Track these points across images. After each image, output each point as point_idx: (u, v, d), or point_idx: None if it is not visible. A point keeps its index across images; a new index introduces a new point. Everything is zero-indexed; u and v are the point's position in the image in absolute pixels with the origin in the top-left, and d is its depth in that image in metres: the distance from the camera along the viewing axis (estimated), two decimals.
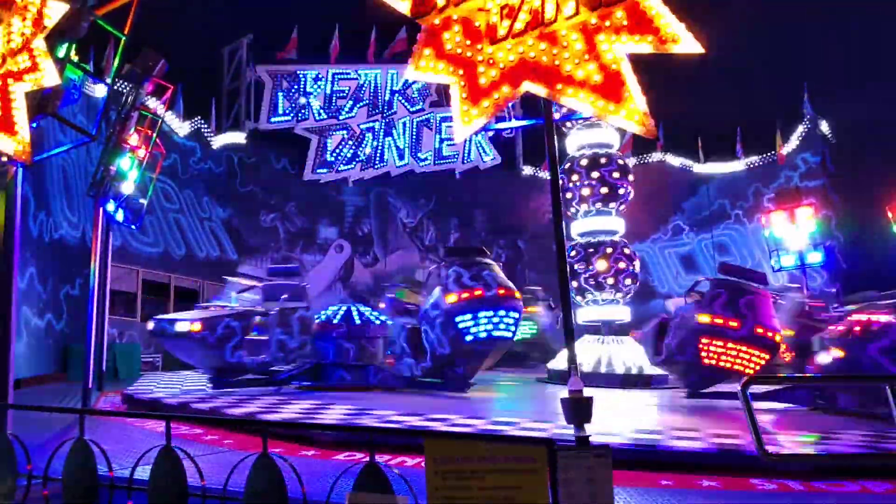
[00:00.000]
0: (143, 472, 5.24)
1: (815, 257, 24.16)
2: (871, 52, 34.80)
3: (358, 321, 15.19)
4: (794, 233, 24.15)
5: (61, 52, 7.88)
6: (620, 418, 10.49)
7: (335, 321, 15.18)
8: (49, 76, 7.35)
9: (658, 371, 16.96)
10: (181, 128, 28.01)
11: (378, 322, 15.53)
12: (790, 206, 24.18)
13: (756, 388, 11.91)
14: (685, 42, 5.50)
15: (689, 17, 5.62)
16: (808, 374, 11.09)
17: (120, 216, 15.72)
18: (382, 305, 18.31)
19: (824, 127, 31.70)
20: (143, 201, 17.17)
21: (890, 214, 23.16)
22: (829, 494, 6.39)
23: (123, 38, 9.97)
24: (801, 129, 31.59)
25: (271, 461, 4.75)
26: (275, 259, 30.14)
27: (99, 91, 21.50)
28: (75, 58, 8.48)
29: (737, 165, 33.11)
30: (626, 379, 17.41)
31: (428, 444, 4.29)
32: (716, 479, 6.90)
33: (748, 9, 33.66)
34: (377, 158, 32.73)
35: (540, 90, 5.73)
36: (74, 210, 21.50)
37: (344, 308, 15.54)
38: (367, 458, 4.55)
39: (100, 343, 16.26)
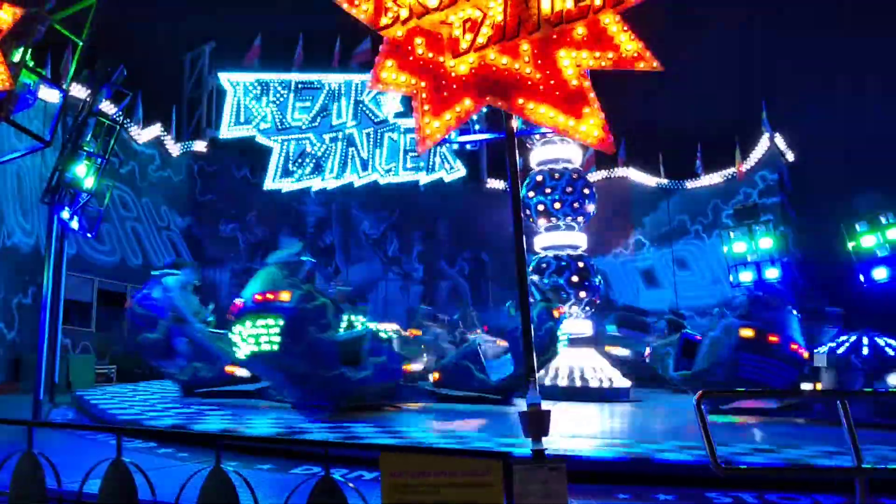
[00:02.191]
0: (94, 486, 5.11)
1: (773, 273, 24.53)
2: (828, 73, 35.62)
3: (867, 352, 12.74)
4: (752, 249, 24.49)
5: (17, 57, 7.73)
6: (585, 430, 10.52)
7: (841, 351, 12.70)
8: (2, 80, 7.20)
9: (624, 384, 17.38)
10: (140, 135, 27.60)
11: None
12: (748, 222, 24.51)
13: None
14: (644, 59, 5.57)
15: (648, 35, 5.69)
16: (764, 389, 11.20)
17: (75, 224, 15.40)
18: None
19: (782, 145, 32.30)
20: (100, 209, 16.88)
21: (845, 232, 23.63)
22: None
23: (81, 44, 9.83)
24: (759, 147, 32.16)
25: (224, 475, 4.67)
26: (234, 270, 29.79)
27: (56, 97, 21.13)
28: (31, 62, 8.32)
29: (697, 182, 33.57)
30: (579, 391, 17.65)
31: (384, 457, 4.26)
32: (672, 492, 6.95)
33: (709, 27, 34.29)
34: (340, 169, 32.54)
35: (502, 104, 5.75)
36: (28, 217, 21.04)
37: (853, 337, 13.37)
38: (323, 472, 4.49)
39: (52, 353, 15.87)
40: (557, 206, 19.72)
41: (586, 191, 20.14)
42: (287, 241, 31.73)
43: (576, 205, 19.83)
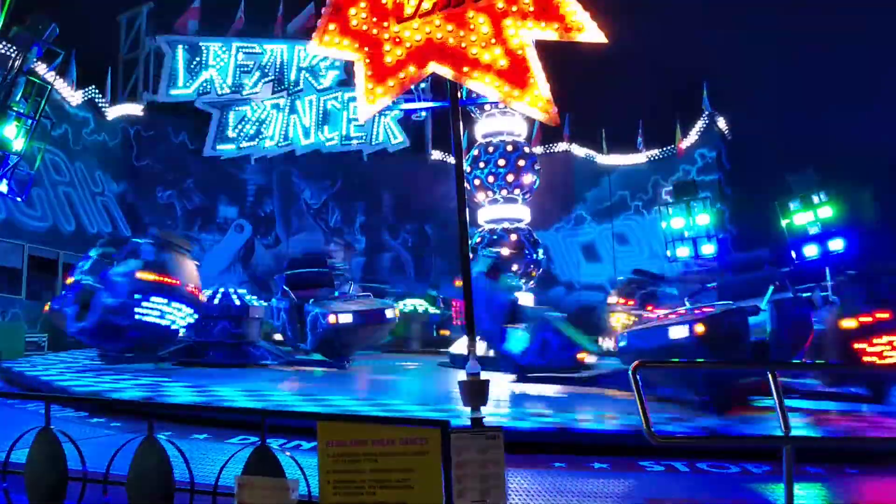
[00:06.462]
0: (22, 456, 4.97)
1: (709, 249, 25.04)
2: (766, 55, 36.34)
3: None
4: (689, 225, 24.92)
5: None
6: (516, 401, 10.63)
7: None
8: None
9: None
10: (74, 97, 26.67)
11: None
12: (686, 198, 24.92)
13: None
14: (589, 31, 5.56)
15: (594, 8, 5.69)
16: (698, 360, 11.43)
17: (4, 187, 14.92)
18: None
19: (721, 124, 32.94)
20: (31, 172, 16.32)
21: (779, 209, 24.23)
22: (712, 475, 6.66)
23: None
24: (699, 125, 32.73)
25: (157, 444, 4.58)
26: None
27: None
28: None
29: (638, 158, 34.02)
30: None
31: (321, 426, 4.22)
32: (607, 460, 7.08)
33: (655, 4, 34.59)
34: (281, 136, 32.00)
35: (446, 72, 5.69)
36: None
37: None
38: (260, 441, 4.44)
39: None
40: (491, 179, 19.78)
41: (521, 163, 20.13)
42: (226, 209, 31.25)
43: (510, 178, 19.87)
